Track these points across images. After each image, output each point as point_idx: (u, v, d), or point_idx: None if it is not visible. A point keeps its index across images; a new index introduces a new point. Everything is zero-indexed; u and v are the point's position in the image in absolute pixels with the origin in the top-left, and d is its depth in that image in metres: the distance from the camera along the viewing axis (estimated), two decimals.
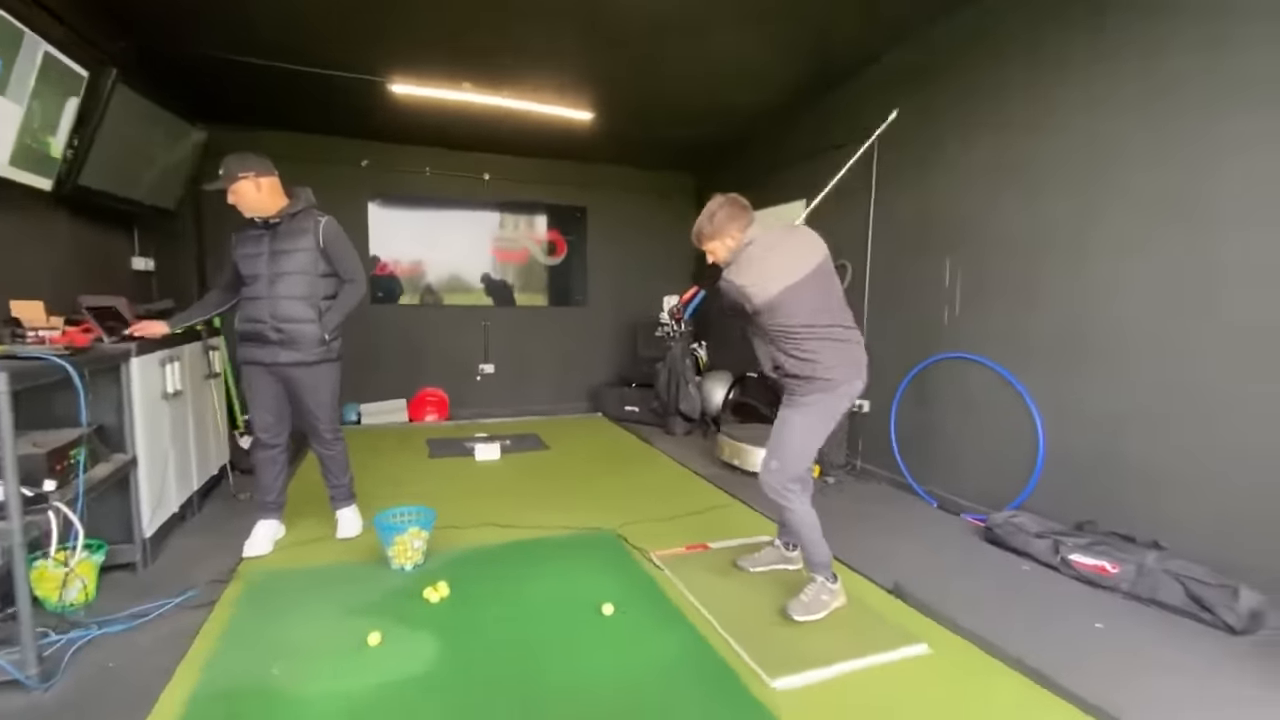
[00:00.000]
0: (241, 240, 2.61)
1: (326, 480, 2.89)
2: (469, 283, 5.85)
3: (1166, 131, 2.48)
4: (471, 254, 5.83)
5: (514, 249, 5.96)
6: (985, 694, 1.78)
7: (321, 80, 3.96)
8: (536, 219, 6.01)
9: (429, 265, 5.69)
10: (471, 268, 5.85)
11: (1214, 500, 2.36)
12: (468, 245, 5.81)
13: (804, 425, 2.19)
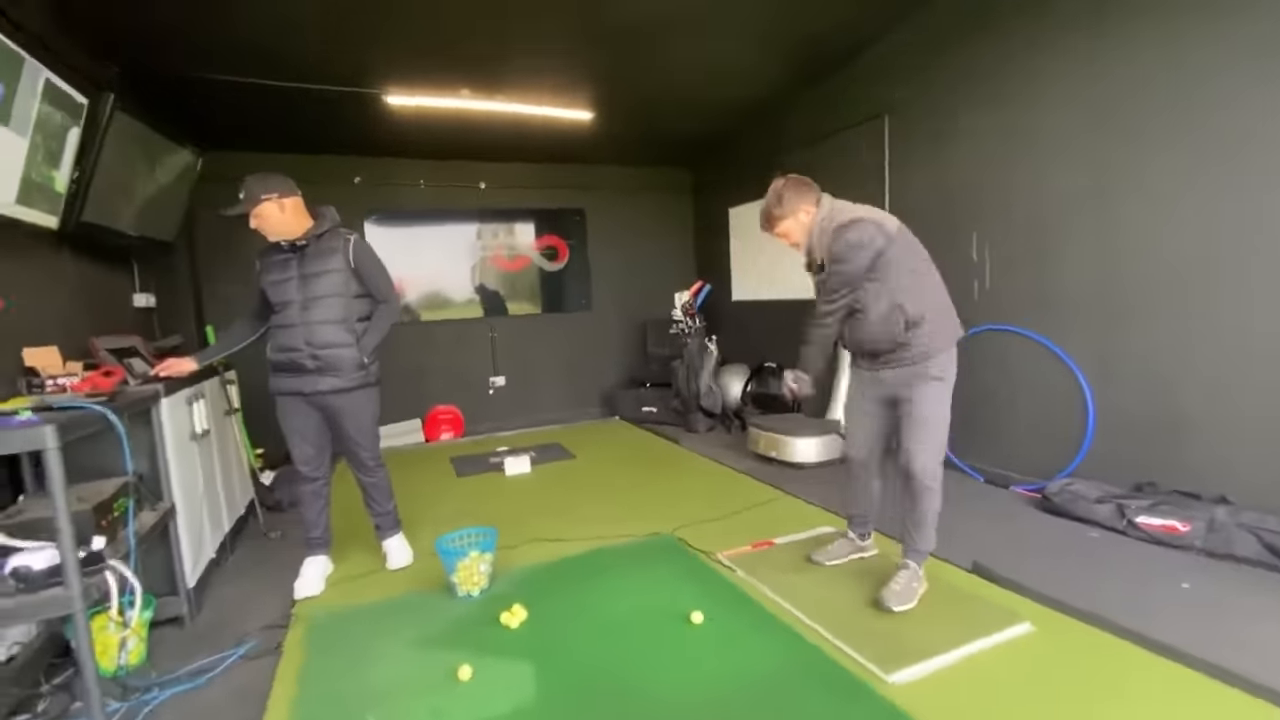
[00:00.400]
0: (267, 266, 2.48)
1: (370, 509, 2.77)
2: (460, 295, 5.69)
3: (1187, 79, 2.48)
4: (464, 265, 5.70)
5: (515, 257, 5.85)
6: (1104, 668, 1.74)
7: (314, 97, 3.82)
8: (525, 226, 5.86)
9: (422, 280, 5.54)
10: (461, 279, 5.70)
11: (1278, 447, 2.37)
12: (461, 256, 5.68)
13: (945, 400, 2.11)
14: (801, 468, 3.81)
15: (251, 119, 4.24)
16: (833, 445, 3.89)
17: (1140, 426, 2.81)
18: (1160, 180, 2.64)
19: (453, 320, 5.62)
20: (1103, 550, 2.51)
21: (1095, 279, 2.92)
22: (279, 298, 2.44)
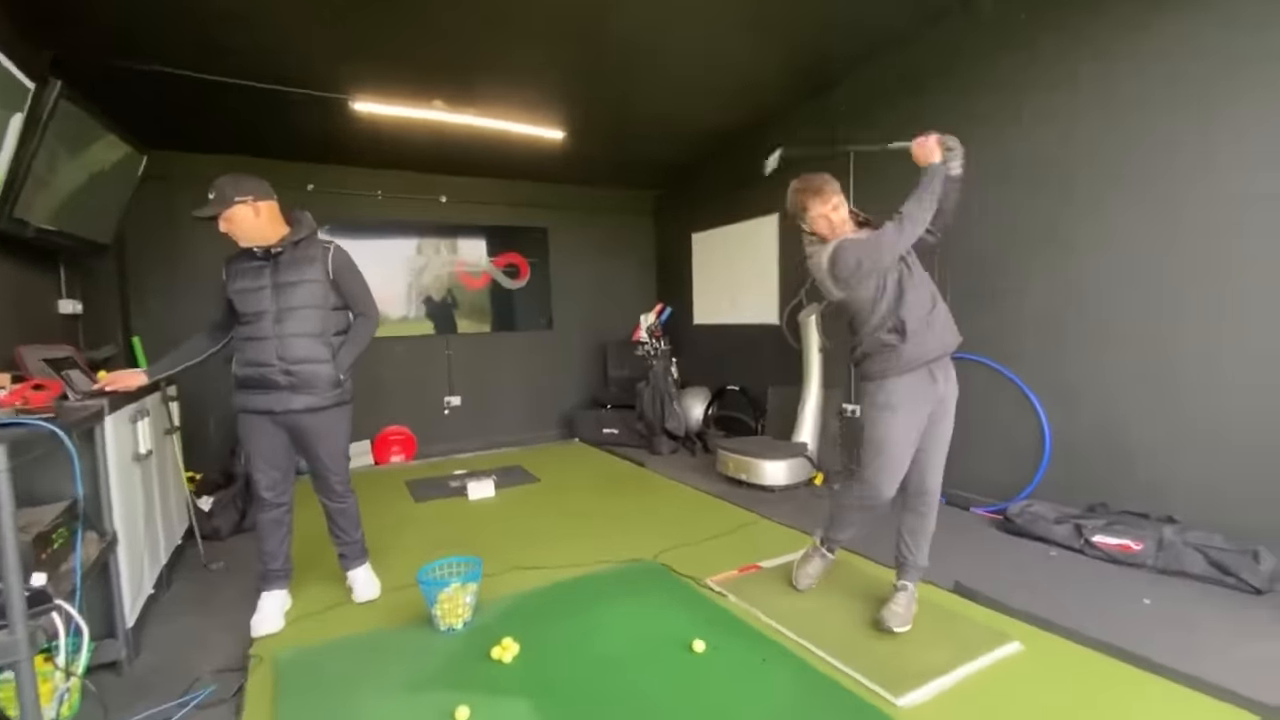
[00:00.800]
0: (236, 273, 2.30)
1: (336, 538, 2.58)
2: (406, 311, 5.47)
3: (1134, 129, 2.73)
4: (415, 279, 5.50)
5: (480, 274, 5.70)
6: (1092, 683, 1.82)
7: (271, 98, 3.62)
8: (473, 242, 5.70)
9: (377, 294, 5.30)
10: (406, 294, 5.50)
11: (1219, 470, 2.58)
12: (413, 271, 5.48)
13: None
14: (771, 490, 3.85)
15: (201, 118, 3.97)
16: (801, 468, 3.95)
17: (1092, 451, 3.00)
18: (1110, 223, 2.87)
19: (407, 337, 5.39)
20: (1065, 569, 2.65)
21: (1051, 312, 3.12)
22: (250, 308, 2.26)
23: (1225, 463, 2.56)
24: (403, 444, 5.18)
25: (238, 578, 2.87)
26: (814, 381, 4.29)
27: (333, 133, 4.28)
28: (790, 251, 4.74)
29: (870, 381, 2.13)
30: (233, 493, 3.51)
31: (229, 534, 3.40)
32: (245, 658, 2.12)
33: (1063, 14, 2.96)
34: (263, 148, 4.55)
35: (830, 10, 3.19)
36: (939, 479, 2.17)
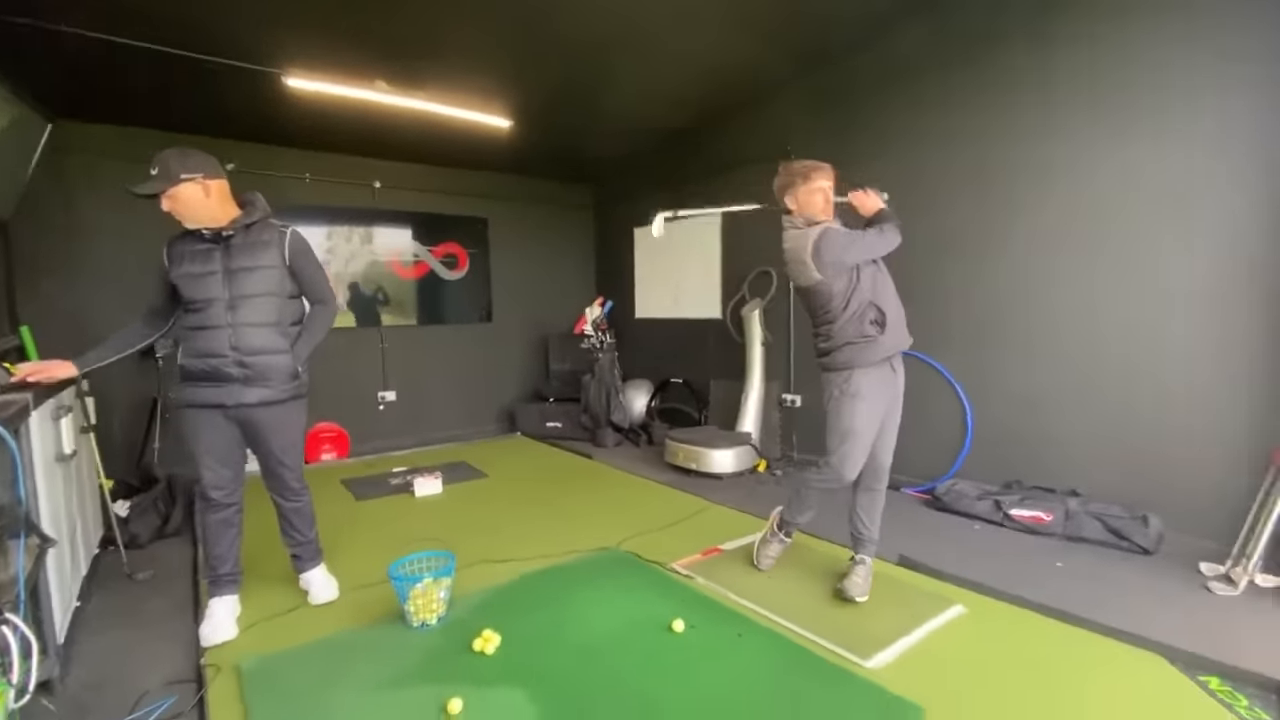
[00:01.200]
0: (182, 256, 2.12)
1: (290, 538, 2.45)
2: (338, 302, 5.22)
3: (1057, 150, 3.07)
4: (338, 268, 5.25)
5: (413, 264, 5.49)
6: (1026, 636, 2.06)
7: (194, 68, 3.34)
8: (396, 231, 5.46)
9: None
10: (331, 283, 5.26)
11: (1115, 448, 2.96)
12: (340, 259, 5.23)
13: None
14: (719, 478, 4.00)
15: (113, 85, 3.60)
16: (747, 456, 4.13)
17: (1008, 434, 3.35)
18: (1029, 232, 3.20)
19: (338, 328, 5.11)
20: (989, 539, 2.95)
21: (975, 308, 3.44)
22: (199, 294, 2.09)
23: (1119, 442, 2.94)
24: (334, 441, 4.93)
25: (166, 586, 2.67)
26: (756, 374, 4.49)
27: (260, 109, 4.01)
28: (734, 248, 4.91)
29: (837, 372, 2.25)
30: (153, 496, 3.24)
31: (150, 540, 3.13)
32: (199, 668, 1.99)
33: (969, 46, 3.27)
34: (179, 122, 4.19)
35: (781, 16, 3.34)
36: (890, 460, 2.36)
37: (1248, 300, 2.56)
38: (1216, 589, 2.36)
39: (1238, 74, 2.52)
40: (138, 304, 4.27)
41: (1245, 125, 2.53)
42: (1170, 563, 2.60)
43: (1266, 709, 1.63)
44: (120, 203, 4.17)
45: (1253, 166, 2.52)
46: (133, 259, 4.28)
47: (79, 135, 3.99)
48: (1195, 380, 2.71)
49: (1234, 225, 2.58)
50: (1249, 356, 2.56)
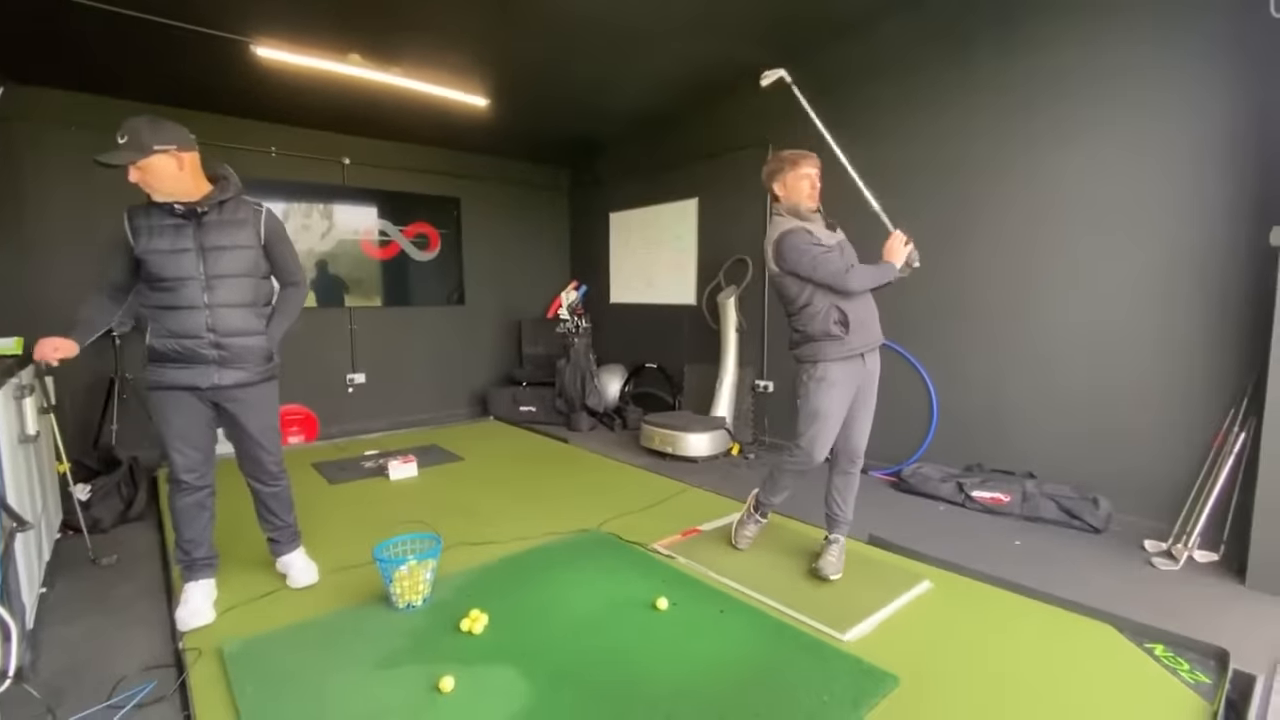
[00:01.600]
0: (148, 230, 2.01)
1: (267, 523, 2.41)
2: None
3: (1019, 148, 3.19)
4: (305, 247, 5.11)
5: (380, 243, 5.37)
6: (988, 608, 2.18)
7: (154, 33, 3.19)
8: (355, 209, 5.29)
9: None
10: None
11: (1068, 434, 3.13)
12: (308, 238, 5.08)
13: None
14: (695, 461, 4.07)
15: (68, 50, 3.41)
16: (721, 440, 4.21)
17: (970, 419, 3.50)
18: (993, 226, 3.33)
19: (307, 308, 4.98)
20: (952, 519, 3.10)
21: (941, 299, 3.57)
22: (172, 272, 2.01)
23: (1072, 428, 3.11)
24: (302, 424, 4.83)
25: (132, 571, 2.61)
26: (730, 360, 4.57)
27: (225, 79, 3.85)
28: (710, 235, 4.96)
29: (809, 363, 2.33)
30: (115, 479, 3.12)
31: (113, 525, 3.04)
32: (178, 652, 1.95)
33: (941, 46, 3.36)
34: (137, 89, 4.00)
35: (763, 4, 3.36)
36: (865, 444, 2.45)
37: (1189, 295, 2.73)
38: (1160, 564, 2.54)
39: (1188, 73, 2.67)
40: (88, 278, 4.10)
41: (1189, 130, 2.68)
42: (1118, 540, 2.78)
43: (1206, 673, 1.78)
44: (71, 173, 3.98)
45: (1194, 169, 2.68)
46: (84, 231, 4.09)
47: (29, 100, 3.77)
48: (1141, 370, 2.88)
49: (1177, 225, 2.75)
50: (1190, 348, 2.74)
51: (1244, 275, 2.57)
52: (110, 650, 2.02)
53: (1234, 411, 2.60)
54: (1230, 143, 2.59)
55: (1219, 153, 2.62)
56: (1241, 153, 2.56)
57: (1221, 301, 2.65)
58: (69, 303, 4.02)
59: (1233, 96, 2.57)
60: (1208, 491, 2.61)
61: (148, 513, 3.22)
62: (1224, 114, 2.60)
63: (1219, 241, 2.64)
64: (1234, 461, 2.54)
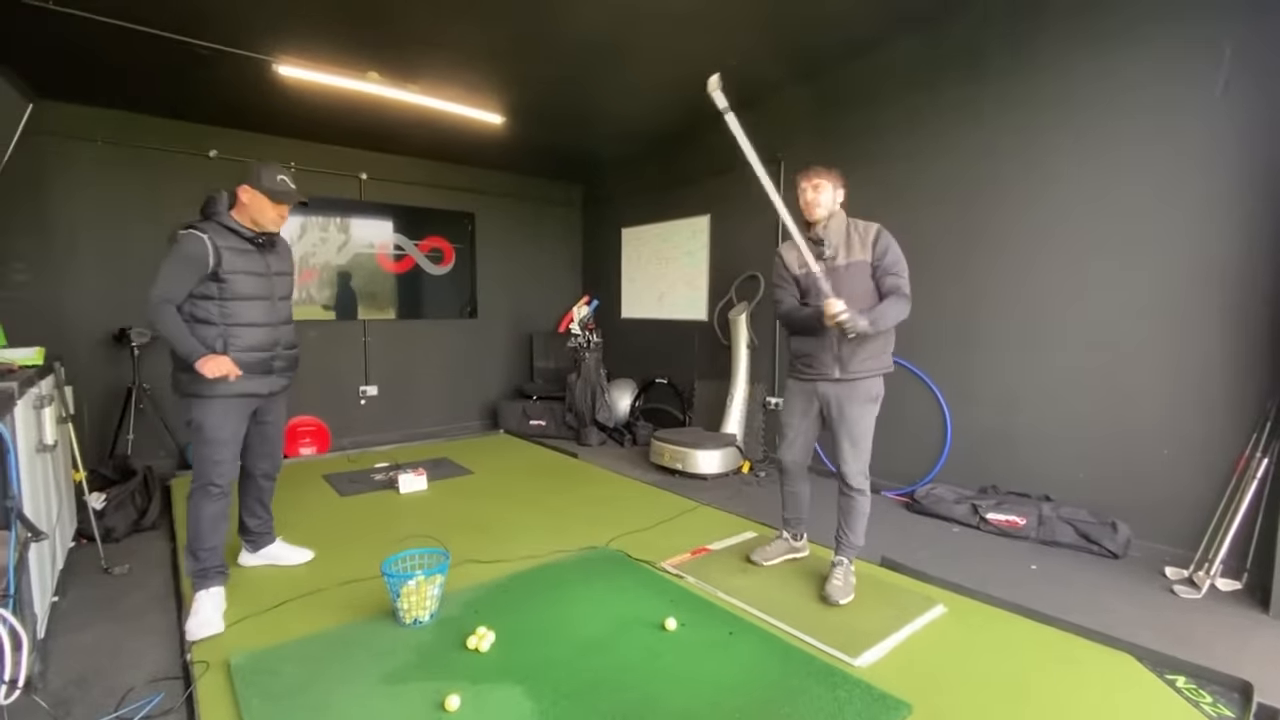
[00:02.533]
0: (228, 253, 2.18)
1: (258, 519, 2.61)
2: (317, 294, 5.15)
3: (1034, 171, 3.17)
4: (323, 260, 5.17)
5: (399, 257, 5.43)
6: (1004, 635, 2.13)
7: (182, 52, 3.27)
8: (399, 224, 5.46)
9: None
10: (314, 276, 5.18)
11: (1085, 458, 3.07)
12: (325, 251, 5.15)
13: (873, 417, 2.41)
14: (705, 479, 4.04)
15: (97, 68, 3.51)
16: (733, 457, 4.18)
17: (985, 440, 3.45)
18: (1006, 245, 3.31)
19: (318, 321, 5.05)
20: (966, 542, 3.05)
21: (955, 319, 3.54)
22: (250, 292, 2.23)
23: (1089, 450, 3.05)
24: (314, 436, 4.86)
25: (144, 580, 2.63)
26: (741, 376, 4.55)
27: (248, 96, 3.94)
28: (722, 252, 4.97)
29: None
30: (130, 489, 3.15)
31: (126, 534, 3.06)
32: (185, 664, 1.96)
33: (957, 65, 3.37)
34: (163, 106, 4.12)
35: (776, 23, 3.39)
36: (846, 468, 2.41)
37: (1208, 316, 2.69)
38: (1181, 592, 2.47)
39: (1198, 98, 2.65)
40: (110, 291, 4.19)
41: (1201, 149, 2.66)
42: (1137, 566, 2.72)
43: (1229, 706, 1.72)
44: (96, 187, 4.08)
45: (1207, 189, 2.65)
46: (107, 245, 4.18)
47: (57, 116, 3.88)
48: (1161, 391, 2.83)
49: (1192, 244, 2.71)
50: (1209, 369, 2.69)
51: (1263, 296, 2.53)
52: (119, 660, 2.03)
53: (1257, 435, 2.54)
54: (1244, 162, 2.56)
55: (1233, 172, 2.59)
56: (1256, 172, 2.53)
57: (1242, 323, 2.60)
58: (90, 314, 4.12)
59: (1245, 114, 2.55)
60: (1230, 517, 2.55)
61: (161, 522, 3.25)
62: (1237, 133, 2.57)
63: (1236, 261, 2.60)
64: (1257, 487, 2.48)
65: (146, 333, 4.12)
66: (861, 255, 2.30)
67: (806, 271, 2.34)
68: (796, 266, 2.41)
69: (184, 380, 2.15)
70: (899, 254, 2.31)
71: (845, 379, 2.36)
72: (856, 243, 2.32)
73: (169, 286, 2.11)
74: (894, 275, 2.29)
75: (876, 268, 2.30)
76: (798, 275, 2.42)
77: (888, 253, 2.29)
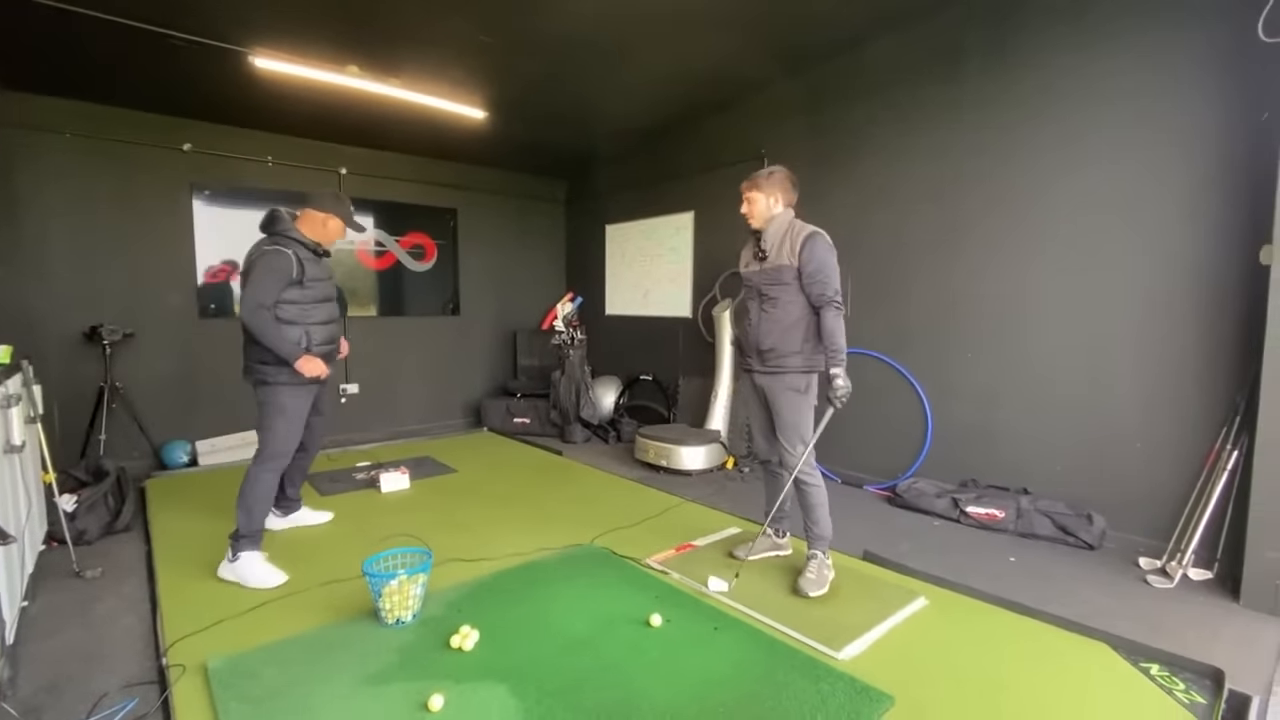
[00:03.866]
0: (306, 263, 2.58)
1: (296, 487, 3.02)
2: None
3: (1014, 170, 3.22)
4: None
5: (379, 254, 5.36)
6: (984, 626, 2.17)
7: (153, 42, 3.18)
8: (380, 220, 5.37)
9: None
10: None
11: (1062, 451, 3.13)
12: None
13: (808, 405, 2.43)
14: (689, 475, 4.05)
15: (65, 58, 3.42)
16: (717, 453, 4.19)
17: (965, 434, 3.50)
18: (986, 242, 3.35)
19: None
20: (947, 535, 3.09)
21: (935, 314, 3.58)
22: (321, 295, 2.66)
23: (1066, 444, 3.11)
24: None
25: (117, 584, 2.57)
26: (725, 373, 4.56)
27: (223, 89, 3.85)
28: (706, 249, 4.97)
29: None
30: (102, 490, 3.08)
31: (99, 536, 2.99)
32: (161, 669, 1.92)
33: (934, 63, 3.40)
34: (133, 98, 4.02)
35: (758, 21, 3.39)
36: (787, 458, 2.45)
37: (1182, 312, 2.75)
38: (1154, 582, 2.53)
39: (1180, 93, 2.70)
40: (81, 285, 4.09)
41: (1180, 149, 2.72)
42: (1113, 557, 2.78)
43: (1201, 693, 1.76)
44: (66, 179, 3.97)
45: (1185, 189, 2.71)
46: (76, 239, 4.07)
47: (24, 108, 3.77)
48: (1133, 387, 2.89)
49: (1168, 243, 2.77)
50: (1182, 365, 2.75)
51: (1235, 293, 2.59)
52: (92, 666, 1.98)
53: (1226, 429, 2.61)
54: (1221, 162, 2.62)
55: (1210, 172, 2.65)
56: (1232, 172, 2.59)
57: (1213, 319, 2.66)
58: (60, 311, 4.01)
59: (1224, 118, 2.60)
60: (1201, 509, 2.61)
61: (135, 524, 3.18)
62: (1215, 134, 2.63)
63: (1211, 260, 2.66)
64: (1227, 479, 2.54)
65: (118, 330, 4.03)
66: (789, 260, 2.35)
67: (748, 269, 2.53)
68: (743, 265, 2.57)
69: (268, 370, 2.53)
70: (823, 260, 2.32)
71: (767, 371, 2.47)
72: (787, 247, 2.37)
73: (265, 294, 2.45)
74: (817, 283, 2.32)
75: (802, 272, 2.34)
76: (742, 272, 2.58)
77: (811, 260, 2.32)
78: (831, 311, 2.31)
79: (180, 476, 4.10)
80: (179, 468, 4.26)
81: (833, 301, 2.31)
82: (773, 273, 2.40)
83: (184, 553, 2.78)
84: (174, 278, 4.40)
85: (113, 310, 4.12)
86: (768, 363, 2.45)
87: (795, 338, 2.39)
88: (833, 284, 2.32)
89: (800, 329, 2.38)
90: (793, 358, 2.40)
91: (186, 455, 4.34)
